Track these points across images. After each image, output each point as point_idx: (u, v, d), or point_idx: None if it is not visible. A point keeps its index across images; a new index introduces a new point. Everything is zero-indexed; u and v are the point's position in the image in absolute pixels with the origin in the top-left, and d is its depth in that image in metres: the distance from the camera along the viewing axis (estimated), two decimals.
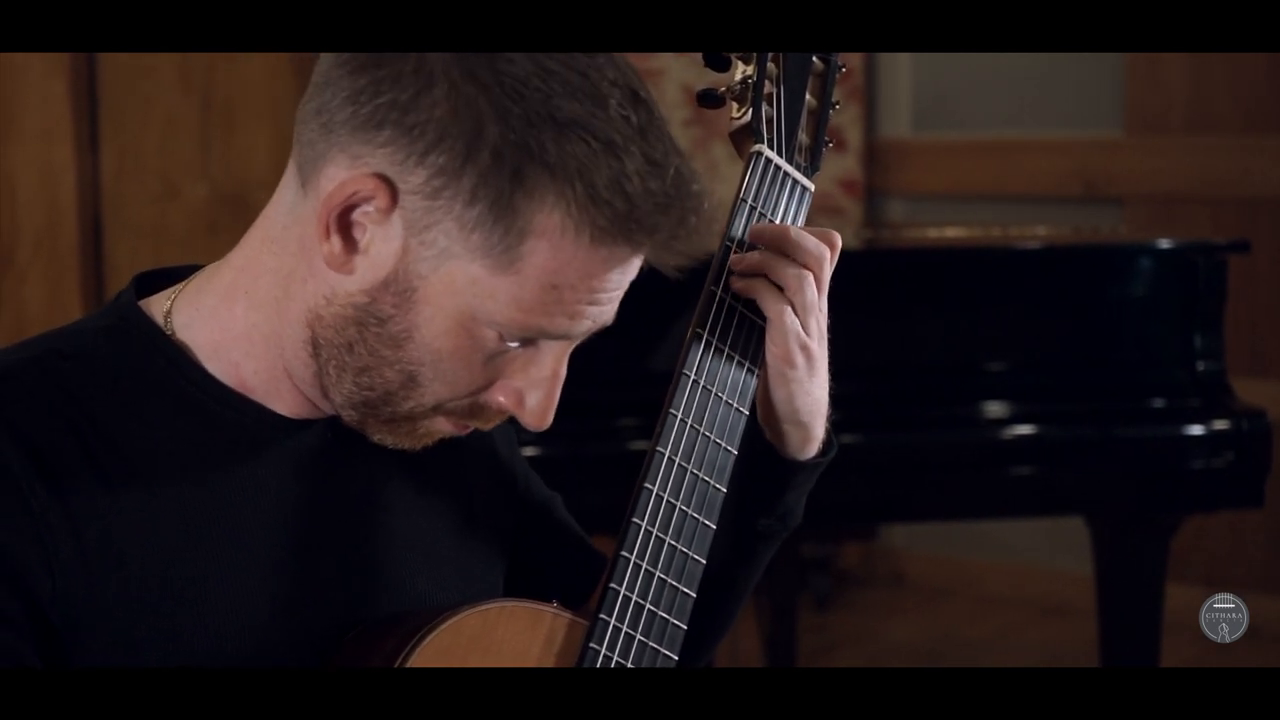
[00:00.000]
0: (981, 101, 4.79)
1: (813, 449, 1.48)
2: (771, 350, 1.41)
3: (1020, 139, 4.74)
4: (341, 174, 1.24)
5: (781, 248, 1.40)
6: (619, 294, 1.29)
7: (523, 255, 1.22)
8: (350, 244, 1.25)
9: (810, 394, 1.44)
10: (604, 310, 1.28)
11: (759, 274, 1.40)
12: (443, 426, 1.33)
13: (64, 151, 4.11)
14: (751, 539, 1.51)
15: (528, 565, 1.53)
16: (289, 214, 1.30)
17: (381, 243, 1.25)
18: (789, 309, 1.39)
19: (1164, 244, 3.10)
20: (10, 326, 4.09)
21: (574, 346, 1.31)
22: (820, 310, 1.42)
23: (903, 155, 4.94)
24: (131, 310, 1.33)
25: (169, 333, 1.32)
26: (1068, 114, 4.68)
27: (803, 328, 1.40)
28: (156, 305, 1.34)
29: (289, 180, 1.30)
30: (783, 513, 1.51)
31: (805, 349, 1.41)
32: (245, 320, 1.31)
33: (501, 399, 1.31)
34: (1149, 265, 3.03)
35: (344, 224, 1.25)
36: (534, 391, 1.30)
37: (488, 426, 1.35)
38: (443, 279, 1.24)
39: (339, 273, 1.26)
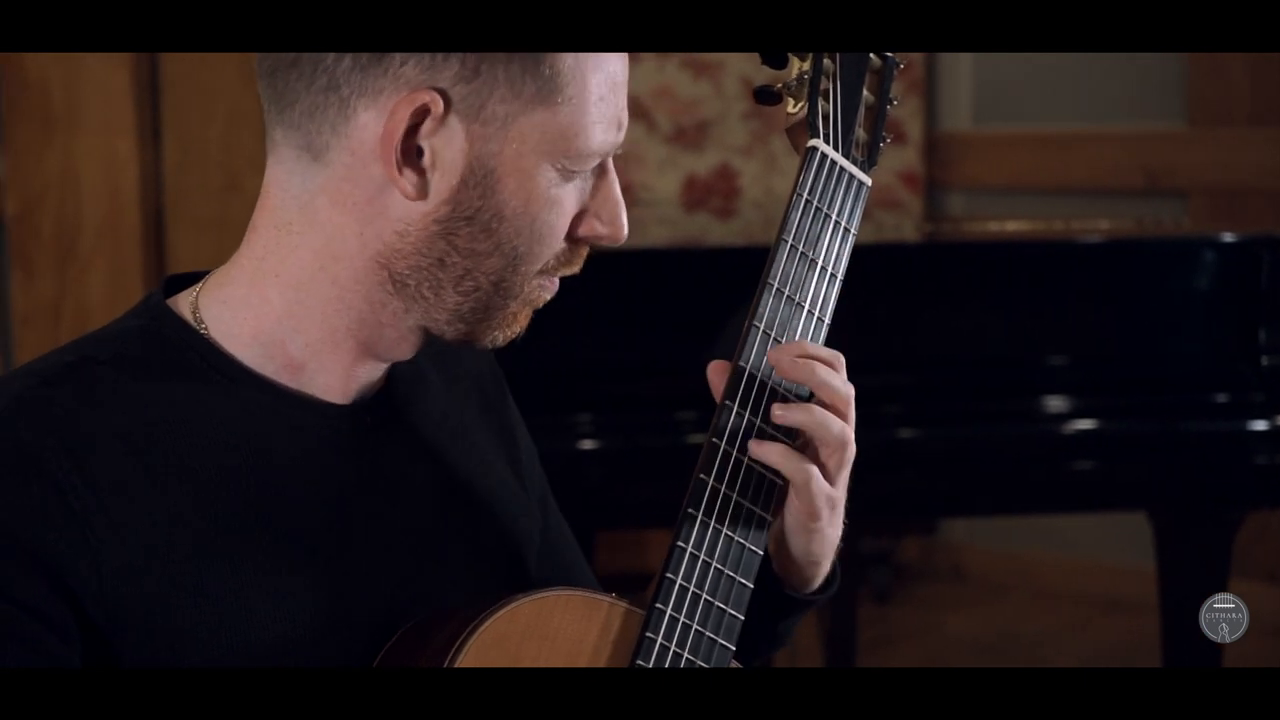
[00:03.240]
0: (1042, 94, 4.76)
1: (819, 583, 1.48)
2: (796, 506, 1.39)
3: (1082, 131, 4.71)
4: (375, 114, 1.26)
5: (813, 388, 1.37)
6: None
7: (568, 79, 1.28)
8: (418, 169, 1.28)
9: (829, 538, 1.43)
10: (625, 118, 1.35)
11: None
12: (543, 291, 1.36)
13: (126, 144, 4.14)
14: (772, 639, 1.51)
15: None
16: (303, 193, 1.31)
17: (446, 148, 1.28)
18: (816, 472, 1.37)
19: (1228, 237, 3.07)
20: (73, 318, 4.13)
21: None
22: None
23: (963, 148, 4.92)
24: (162, 310, 1.34)
25: (200, 329, 1.33)
26: (1130, 106, 4.64)
27: (833, 481, 1.39)
28: (183, 304, 1.35)
29: (288, 168, 1.31)
30: (781, 634, 1.52)
31: (831, 501, 1.39)
32: (282, 300, 1.32)
33: (584, 233, 1.35)
34: (1212, 258, 3.00)
35: (406, 153, 1.27)
36: (605, 208, 1.35)
37: (577, 268, 1.38)
38: (515, 145, 1.28)
39: (415, 200, 1.28)
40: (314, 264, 1.31)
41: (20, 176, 4.14)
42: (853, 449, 1.39)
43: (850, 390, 1.39)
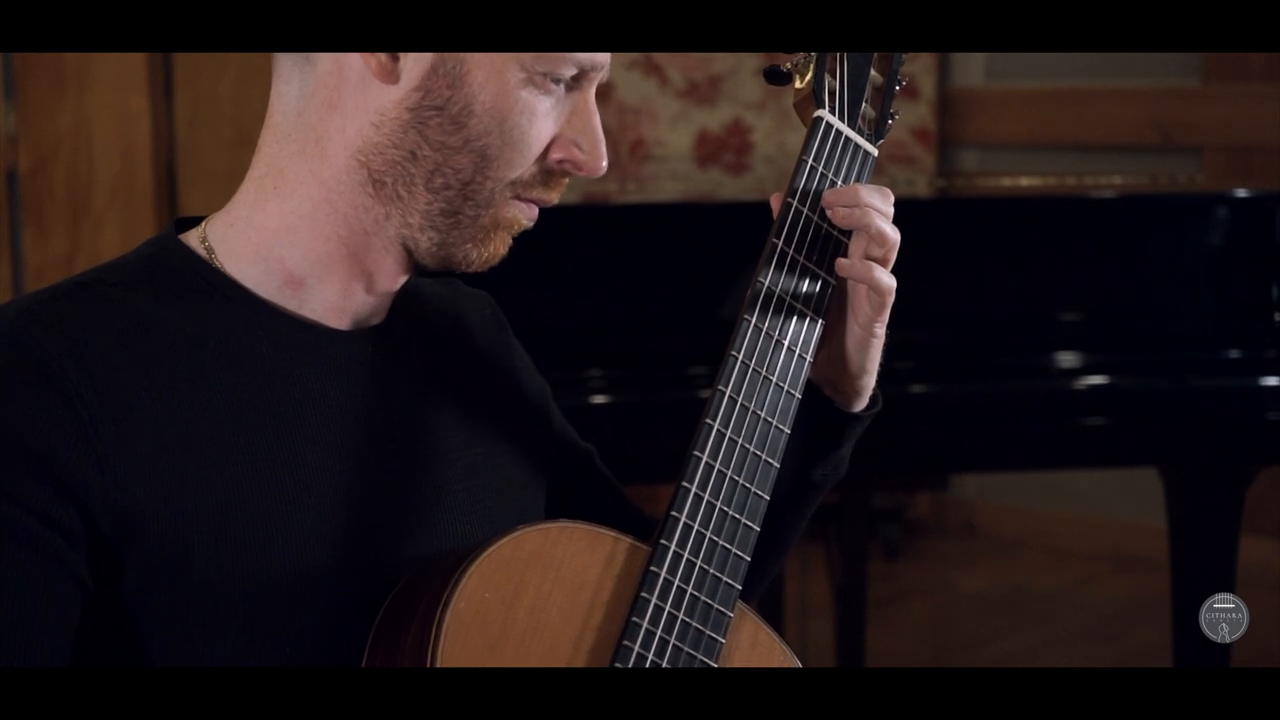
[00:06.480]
0: None
1: (866, 400, 1.51)
2: (865, 313, 1.44)
3: (1096, 87, 4.70)
4: None
5: (872, 205, 1.43)
6: None
7: None
8: (391, 54, 1.31)
9: (879, 346, 1.47)
10: None
11: (858, 227, 1.42)
12: (519, 213, 1.38)
13: (139, 99, 4.14)
14: (805, 488, 1.53)
15: (568, 514, 1.54)
16: (298, 100, 1.35)
17: None
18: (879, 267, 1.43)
19: (1241, 193, 3.06)
20: None
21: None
22: None
23: (976, 104, 4.91)
24: (171, 241, 1.38)
25: (207, 258, 1.36)
26: (1144, 62, 4.63)
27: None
28: (193, 236, 1.38)
29: (286, 78, 1.36)
30: (836, 462, 1.54)
31: (887, 300, 1.44)
32: (280, 212, 1.36)
33: (559, 155, 1.36)
34: (1226, 215, 3.00)
35: None
36: (584, 137, 1.37)
37: (555, 197, 1.39)
38: None
39: (387, 83, 1.31)
40: (305, 168, 1.35)
41: (33, 132, 4.15)
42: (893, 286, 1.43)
43: (897, 236, 1.44)
